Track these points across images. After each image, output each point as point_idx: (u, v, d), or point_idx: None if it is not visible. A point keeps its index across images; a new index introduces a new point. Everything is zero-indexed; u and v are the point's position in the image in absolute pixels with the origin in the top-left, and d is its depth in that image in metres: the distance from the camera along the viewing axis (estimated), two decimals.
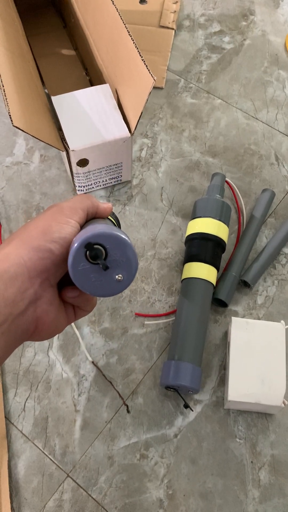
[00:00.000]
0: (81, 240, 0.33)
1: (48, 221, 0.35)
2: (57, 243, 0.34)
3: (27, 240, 0.34)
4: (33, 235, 0.34)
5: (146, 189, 0.78)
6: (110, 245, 0.33)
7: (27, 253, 0.33)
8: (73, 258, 0.33)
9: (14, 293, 0.33)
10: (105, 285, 0.34)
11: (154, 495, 0.58)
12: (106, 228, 0.34)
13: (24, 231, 0.35)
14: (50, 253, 0.34)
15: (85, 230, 0.34)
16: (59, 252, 0.34)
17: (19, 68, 0.71)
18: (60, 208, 0.36)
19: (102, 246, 0.33)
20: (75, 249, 0.33)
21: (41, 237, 0.34)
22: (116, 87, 0.73)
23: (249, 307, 0.68)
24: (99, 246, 0.33)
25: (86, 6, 0.80)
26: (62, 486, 0.58)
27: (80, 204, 0.37)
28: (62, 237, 0.34)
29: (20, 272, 0.33)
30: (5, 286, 0.32)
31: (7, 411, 0.61)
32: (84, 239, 0.33)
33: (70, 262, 0.33)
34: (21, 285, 0.33)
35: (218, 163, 0.80)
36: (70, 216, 0.36)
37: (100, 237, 0.33)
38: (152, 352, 0.65)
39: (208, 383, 0.63)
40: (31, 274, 0.33)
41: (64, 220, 0.35)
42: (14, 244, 0.34)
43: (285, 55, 0.92)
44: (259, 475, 0.59)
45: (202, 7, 0.99)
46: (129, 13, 0.94)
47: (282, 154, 0.81)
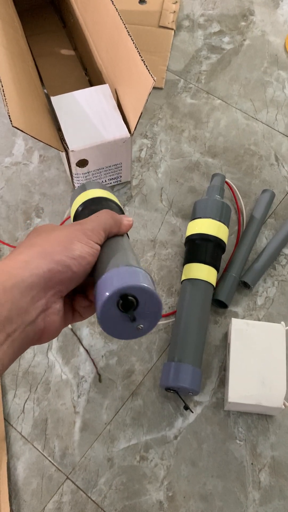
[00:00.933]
0: (117, 289, 0.34)
1: (70, 238, 0.36)
2: (76, 261, 0.35)
3: (49, 252, 0.35)
4: (55, 248, 0.35)
5: (145, 189, 0.77)
6: (142, 299, 0.35)
7: (47, 265, 0.34)
8: (105, 304, 0.34)
9: (28, 302, 0.33)
10: (125, 330, 0.36)
11: (154, 497, 0.57)
12: (143, 280, 0.35)
13: (46, 242, 0.36)
14: (69, 268, 0.35)
15: (119, 275, 0.35)
16: (76, 269, 0.35)
17: (18, 68, 0.70)
18: (84, 230, 0.38)
19: (135, 298, 0.34)
20: (110, 296, 0.34)
21: (63, 252, 0.35)
22: (115, 87, 0.73)
23: (249, 308, 0.68)
24: (132, 298, 0.34)
25: (85, 6, 0.79)
26: (61, 488, 0.58)
27: (104, 226, 0.39)
28: (82, 256, 0.36)
29: (37, 282, 0.34)
30: (21, 295, 0.33)
31: (6, 412, 0.61)
32: (121, 289, 0.34)
33: (100, 305, 0.34)
34: (35, 295, 0.34)
35: (218, 164, 0.80)
36: (92, 238, 0.37)
37: (137, 290, 0.34)
38: (152, 354, 0.65)
39: (208, 384, 0.63)
40: (46, 285, 0.34)
41: (85, 240, 0.37)
42: (34, 253, 0.35)
43: (285, 56, 0.92)
44: (259, 477, 0.58)
45: (201, 7, 0.98)
46: (129, 13, 0.94)
47: (282, 155, 0.81)
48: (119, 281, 0.34)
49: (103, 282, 0.35)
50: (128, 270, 0.35)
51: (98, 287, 0.36)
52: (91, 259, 0.36)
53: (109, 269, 0.36)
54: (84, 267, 0.36)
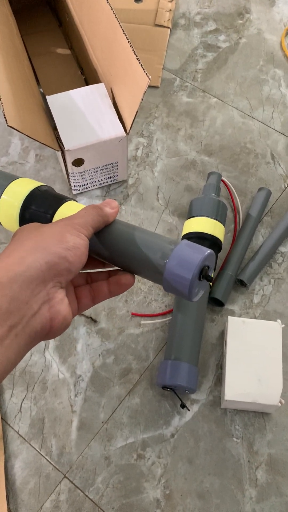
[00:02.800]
0: (200, 263, 0.38)
1: (62, 232, 0.37)
2: (71, 251, 0.36)
3: (44, 246, 0.35)
4: (49, 241, 0.36)
5: (142, 188, 0.77)
6: (210, 263, 0.40)
7: (44, 257, 0.35)
8: (193, 278, 0.38)
9: (28, 295, 0.33)
10: (200, 287, 0.40)
11: (151, 495, 0.58)
12: (201, 248, 0.39)
13: (39, 237, 0.36)
14: (65, 259, 0.36)
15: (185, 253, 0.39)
16: (72, 259, 0.36)
17: (13, 67, 0.70)
18: (72, 223, 0.38)
19: (207, 267, 0.39)
20: (196, 270, 0.38)
21: (57, 244, 0.36)
22: (111, 86, 0.73)
23: (245, 306, 0.68)
24: (206, 267, 0.39)
25: (81, 5, 0.79)
26: (59, 487, 0.58)
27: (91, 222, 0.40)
28: (76, 247, 0.36)
29: (35, 276, 0.34)
30: (20, 289, 0.33)
31: (3, 412, 0.61)
32: (201, 261, 0.38)
33: (190, 280, 0.38)
34: (35, 288, 0.34)
35: (214, 162, 0.80)
36: (81, 231, 0.38)
37: (208, 257, 0.39)
38: (148, 352, 0.65)
39: (205, 382, 0.63)
40: (45, 278, 0.34)
41: (76, 233, 0.37)
42: (28, 247, 0.35)
43: (280, 54, 0.92)
44: (256, 474, 0.59)
45: (197, 6, 0.98)
46: (124, 12, 0.94)
47: (278, 153, 0.81)
48: (196, 255, 0.38)
49: (179, 261, 0.38)
50: (189, 246, 0.39)
51: (173, 267, 0.38)
52: (84, 250, 0.37)
53: (169, 250, 0.39)
54: (80, 257, 0.37)
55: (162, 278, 0.39)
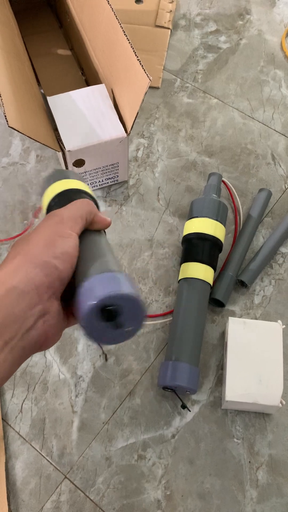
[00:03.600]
0: (95, 304, 0.33)
1: (49, 234, 0.36)
2: (60, 259, 0.35)
3: (31, 257, 0.35)
4: (36, 250, 0.35)
5: (142, 189, 0.77)
6: (126, 305, 0.34)
7: (33, 270, 0.34)
8: (87, 316, 0.33)
9: (23, 309, 0.33)
10: (115, 336, 0.35)
11: (152, 495, 0.58)
12: (123, 286, 0.33)
13: (26, 246, 0.36)
14: (55, 268, 0.35)
15: (100, 284, 0.33)
16: (63, 267, 0.35)
17: (14, 68, 0.70)
18: (61, 218, 0.37)
19: (117, 306, 0.34)
20: (91, 309, 0.33)
21: (44, 252, 0.35)
22: (112, 87, 0.73)
23: (246, 307, 0.68)
24: (115, 307, 0.33)
25: (81, 6, 0.80)
26: (59, 487, 0.58)
27: (81, 212, 0.38)
28: (65, 252, 0.35)
29: (29, 289, 0.33)
30: (14, 303, 0.33)
31: (4, 412, 0.61)
32: (99, 302, 0.33)
33: (82, 318, 0.33)
34: (30, 301, 0.33)
35: (214, 163, 0.80)
36: (71, 227, 0.36)
37: (118, 298, 0.33)
38: (149, 353, 0.65)
39: (206, 383, 0.63)
40: (39, 290, 0.34)
41: (65, 233, 0.36)
42: (20, 261, 0.35)
43: (281, 55, 0.92)
44: (257, 475, 0.59)
45: (198, 7, 0.98)
46: (125, 13, 0.94)
47: (279, 154, 0.81)
48: (100, 291, 0.33)
49: (83, 292, 0.34)
50: (108, 277, 0.34)
51: (78, 296, 0.34)
52: (73, 251, 0.36)
53: (89, 275, 0.35)
54: (69, 262, 0.36)
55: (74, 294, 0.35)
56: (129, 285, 0.34)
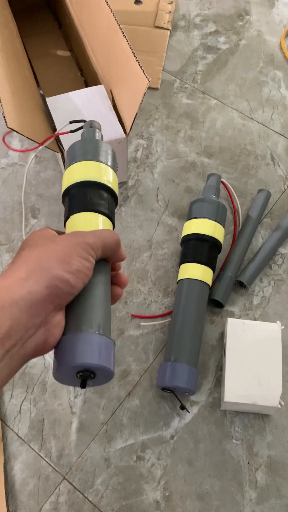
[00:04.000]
0: (78, 365, 0.35)
1: (69, 251, 0.36)
2: (74, 275, 0.35)
3: (47, 268, 0.34)
4: (53, 261, 0.35)
5: (141, 190, 0.77)
6: (99, 373, 0.36)
7: (46, 281, 0.34)
8: (63, 372, 0.36)
9: (27, 319, 0.33)
10: (75, 384, 0.37)
11: (151, 497, 0.58)
12: (102, 357, 0.36)
13: (42, 255, 0.35)
14: (67, 283, 0.35)
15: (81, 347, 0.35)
16: (75, 283, 0.35)
17: (13, 69, 0.70)
18: (84, 241, 0.37)
19: (93, 373, 0.36)
20: (70, 369, 0.35)
21: (61, 266, 0.35)
22: (111, 88, 0.73)
23: (245, 307, 0.68)
24: (90, 372, 0.36)
25: (81, 7, 0.80)
26: (58, 488, 0.58)
27: (103, 244, 0.38)
28: (80, 270, 0.35)
29: (35, 299, 0.33)
30: (20, 313, 0.33)
31: (3, 413, 0.61)
32: (82, 366, 0.35)
33: (58, 372, 0.36)
34: (35, 311, 0.33)
35: (214, 164, 0.80)
36: (90, 252, 0.37)
37: (95, 368, 0.35)
38: (148, 354, 0.65)
39: (205, 384, 0.63)
40: (45, 301, 0.34)
41: (84, 255, 0.36)
42: (30, 268, 0.34)
43: (280, 55, 0.92)
44: (256, 476, 0.59)
45: (197, 8, 0.99)
46: (124, 14, 0.94)
47: (278, 154, 0.81)
48: (84, 357, 0.35)
49: (68, 345, 0.36)
50: (95, 342, 0.36)
51: (63, 345, 0.36)
52: (88, 272, 0.36)
53: (77, 329, 0.36)
54: (82, 280, 0.36)
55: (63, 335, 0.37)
56: (107, 354, 0.36)
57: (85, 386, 0.36)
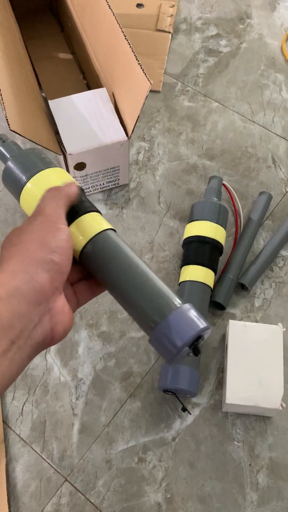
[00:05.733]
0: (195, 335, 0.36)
1: (40, 232, 0.36)
2: (56, 252, 0.35)
3: (28, 255, 0.35)
4: (32, 249, 0.35)
5: (143, 192, 0.78)
6: (205, 335, 0.38)
7: (33, 268, 0.34)
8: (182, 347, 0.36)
9: (28, 308, 0.33)
10: (183, 356, 0.39)
11: (153, 499, 0.58)
12: (203, 320, 0.38)
13: (21, 246, 0.36)
14: (52, 263, 0.35)
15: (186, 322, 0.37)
16: (59, 260, 0.36)
17: (16, 72, 0.71)
18: (46, 216, 0.37)
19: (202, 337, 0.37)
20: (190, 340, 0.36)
21: (39, 249, 0.35)
22: (113, 91, 0.73)
23: (246, 309, 0.68)
24: (201, 338, 0.37)
25: (83, 10, 0.80)
26: (60, 490, 0.58)
27: (59, 202, 0.39)
28: (59, 246, 0.36)
29: (31, 287, 0.34)
30: (18, 302, 0.33)
31: (4, 415, 0.61)
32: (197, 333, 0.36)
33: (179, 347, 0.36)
34: (34, 299, 0.34)
35: (215, 166, 0.80)
36: (58, 221, 0.37)
37: (205, 330, 0.37)
38: (150, 355, 0.65)
39: (206, 386, 0.63)
40: (42, 287, 0.34)
41: (54, 227, 0.37)
42: (16, 260, 0.35)
43: (281, 58, 0.93)
44: (257, 478, 0.59)
45: (198, 11, 0.99)
46: (126, 17, 0.94)
47: (279, 157, 0.81)
48: (192, 328, 0.36)
49: (169, 330, 0.37)
50: (188, 312, 0.37)
51: (163, 333, 0.37)
52: (66, 244, 0.37)
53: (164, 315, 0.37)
54: (65, 254, 0.36)
55: (152, 333, 0.38)
56: (201, 316, 0.38)
57: (200, 351, 0.37)
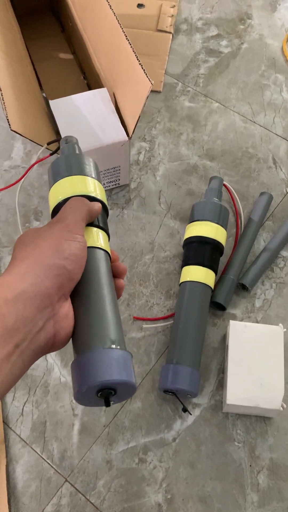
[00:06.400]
0: (98, 384, 0.34)
1: (57, 239, 0.37)
2: (69, 259, 0.36)
3: (41, 259, 0.35)
4: (46, 253, 0.36)
5: (144, 192, 0.78)
6: (120, 388, 0.35)
7: (44, 272, 0.35)
8: (83, 393, 0.34)
9: (33, 312, 0.33)
10: (99, 404, 0.36)
11: (153, 499, 0.57)
12: (124, 372, 0.35)
13: (35, 250, 0.36)
14: (64, 269, 0.35)
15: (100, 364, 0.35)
16: (71, 267, 0.36)
17: (17, 72, 0.71)
18: (66, 225, 0.38)
19: (114, 389, 0.35)
20: (89, 389, 0.34)
21: (54, 255, 0.36)
22: (113, 91, 0.73)
23: (247, 310, 0.68)
24: (111, 390, 0.35)
25: (84, 10, 0.80)
26: (60, 490, 0.58)
27: (80, 214, 0.39)
28: (73, 253, 0.36)
29: (39, 291, 0.34)
30: (24, 306, 0.33)
31: (5, 415, 0.61)
32: (102, 384, 0.34)
33: (78, 392, 0.34)
34: (40, 304, 0.34)
35: (216, 167, 0.80)
36: (76, 232, 0.38)
37: (117, 384, 0.34)
38: (150, 356, 0.65)
39: (207, 386, 0.63)
40: (49, 292, 0.34)
41: (71, 236, 0.37)
42: (27, 263, 0.35)
43: (282, 59, 0.93)
44: (257, 479, 0.59)
45: (199, 11, 0.99)
46: (127, 17, 0.94)
47: (280, 157, 0.81)
48: (102, 375, 0.34)
49: (84, 364, 0.35)
50: (112, 357, 0.35)
51: (79, 365, 0.35)
52: (81, 253, 0.37)
53: (90, 347, 0.35)
54: (78, 263, 0.37)
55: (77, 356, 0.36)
56: (127, 367, 0.35)
57: (109, 404, 0.35)
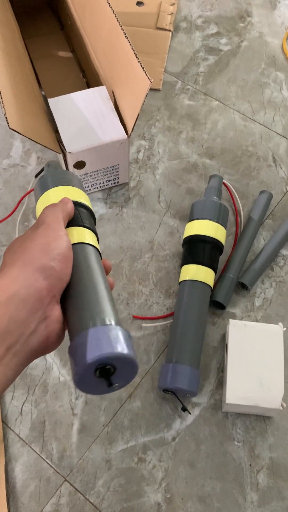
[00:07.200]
0: (95, 360, 0.33)
1: (42, 240, 0.38)
2: (56, 260, 0.36)
3: (30, 262, 0.36)
4: (34, 255, 0.36)
5: (143, 191, 0.77)
6: (120, 364, 0.34)
7: (33, 274, 0.35)
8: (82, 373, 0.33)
9: (25, 314, 0.34)
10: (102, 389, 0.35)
11: (152, 499, 0.57)
12: (122, 346, 0.34)
13: (24, 253, 0.37)
14: (53, 270, 0.36)
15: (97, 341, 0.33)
16: (59, 267, 0.37)
17: (15, 70, 0.70)
18: (48, 225, 0.39)
19: (113, 366, 0.34)
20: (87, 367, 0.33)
21: (42, 256, 0.36)
22: (113, 89, 0.73)
23: (247, 309, 0.68)
24: (110, 366, 0.33)
25: (83, 8, 0.80)
26: (59, 490, 0.58)
27: (58, 214, 0.40)
28: (60, 253, 0.37)
29: (30, 294, 0.34)
30: (16, 308, 0.34)
31: (4, 415, 0.61)
32: (99, 360, 0.33)
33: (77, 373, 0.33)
34: (32, 306, 0.34)
35: (215, 165, 0.80)
36: (59, 229, 0.39)
37: (116, 359, 0.33)
38: (150, 355, 0.65)
39: (206, 385, 0.63)
40: (40, 295, 0.35)
41: (56, 235, 0.38)
42: (18, 266, 0.36)
43: (282, 57, 0.92)
44: (257, 478, 0.58)
45: (199, 9, 0.99)
46: (126, 15, 0.94)
47: (280, 156, 0.81)
48: (97, 350, 0.33)
49: (79, 345, 0.34)
50: (106, 333, 0.34)
51: (74, 348, 0.34)
52: (67, 251, 0.38)
53: (84, 327, 0.35)
54: (65, 262, 0.37)
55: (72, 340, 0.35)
56: (126, 342, 0.34)
57: (112, 384, 0.34)
